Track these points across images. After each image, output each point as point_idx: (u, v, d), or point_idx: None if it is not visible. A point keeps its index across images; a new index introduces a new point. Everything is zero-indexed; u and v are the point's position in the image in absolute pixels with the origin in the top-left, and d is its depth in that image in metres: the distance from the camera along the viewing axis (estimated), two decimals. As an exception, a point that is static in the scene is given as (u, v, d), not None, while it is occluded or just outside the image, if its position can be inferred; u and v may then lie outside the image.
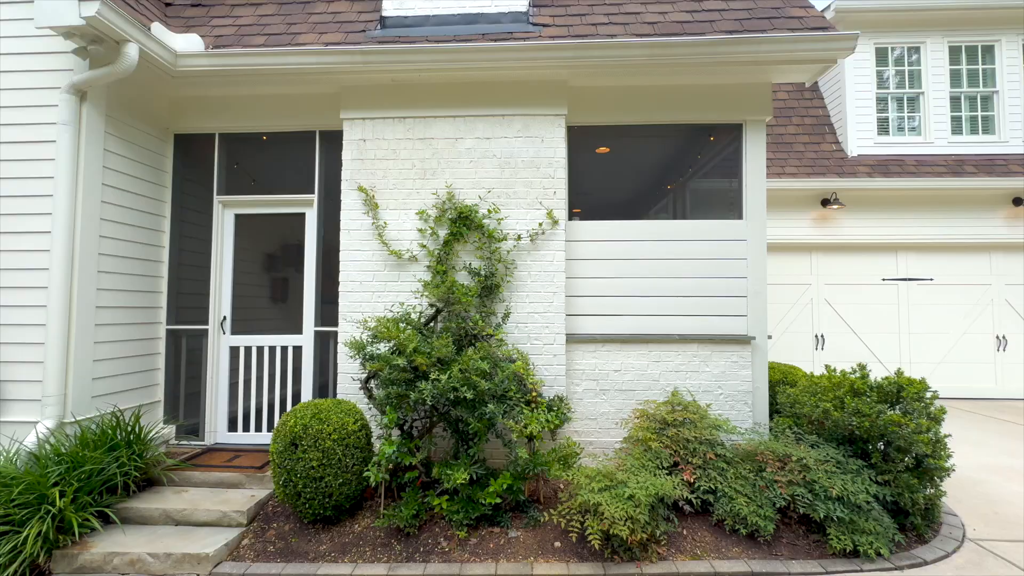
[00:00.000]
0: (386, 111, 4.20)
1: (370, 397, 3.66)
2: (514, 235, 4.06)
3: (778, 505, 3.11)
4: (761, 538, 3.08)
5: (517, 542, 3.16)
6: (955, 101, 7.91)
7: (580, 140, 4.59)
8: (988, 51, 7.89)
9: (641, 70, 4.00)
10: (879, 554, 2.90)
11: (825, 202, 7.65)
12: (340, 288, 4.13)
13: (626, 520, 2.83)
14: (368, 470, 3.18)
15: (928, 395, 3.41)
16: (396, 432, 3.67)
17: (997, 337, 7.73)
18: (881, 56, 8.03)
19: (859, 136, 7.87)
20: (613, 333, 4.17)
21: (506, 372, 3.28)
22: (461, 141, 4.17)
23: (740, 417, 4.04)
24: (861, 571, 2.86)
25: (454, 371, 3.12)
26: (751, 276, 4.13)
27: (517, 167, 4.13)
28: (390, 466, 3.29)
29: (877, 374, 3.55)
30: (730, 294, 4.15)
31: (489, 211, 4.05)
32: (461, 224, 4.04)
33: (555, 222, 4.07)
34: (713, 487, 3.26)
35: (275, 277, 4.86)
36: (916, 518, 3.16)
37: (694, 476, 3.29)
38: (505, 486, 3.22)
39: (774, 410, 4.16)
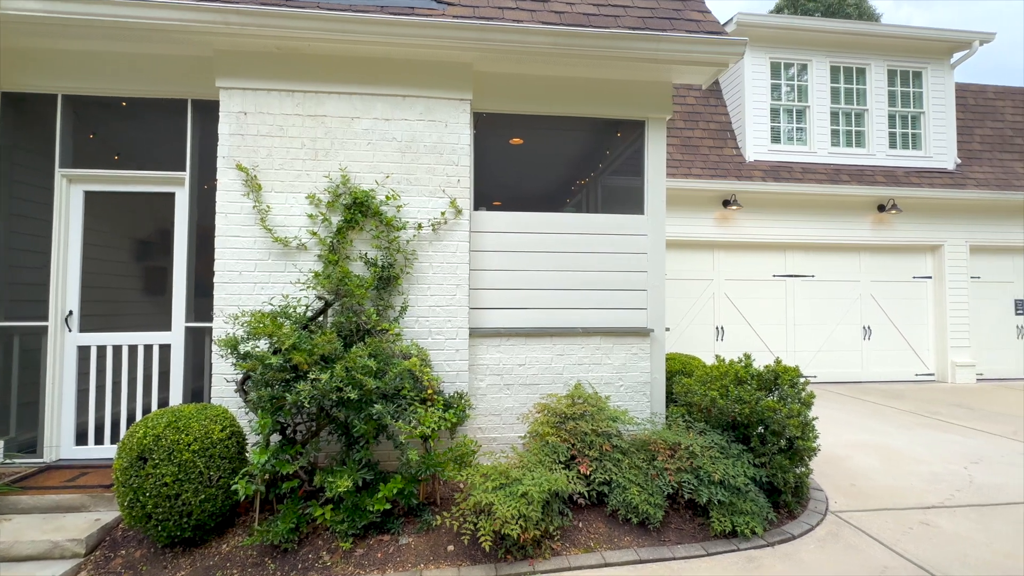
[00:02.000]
0: (272, 82, 3.77)
1: (247, 401, 3.27)
2: (415, 224, 3.84)
3: (667, 492, 3.20)
4: (651, 525, 3.14)
5: (408, 549, 2.97)
6: (835, 116, 8.79)
7: (489, 129, 4.45)
8: (861, 73, 8.85)
9: (547, 59, 3.93)
10: (754, 532, 3.07)
11: (726, 203, 8.19)
12: (215, 279, 3.67)
13: (518, 519, 2.75)
14: (237, 483, 2.82)
15: (801, 381, 3.68)
16: (276, 438, 3.32)
17: (864, 328, 8.75)
18: (775, 70, 8.72)
19: (755, 143, 8.50)
20: (518, 327, 4.09)
21: (398, 369, 3.06)
22: (358, 121, 3.85)
23: (639, 407, 4.15)
24: (738, 550, 3.00)
25: (337, 370, 2.85)
26: (651, 270, 4.24)
27: (419, 152, 3.90)
28: (266, 476, 2.95)
29: (767, 362, 3.77)
30: (631, 287, 4.23)
31: (388, 198, 3.79)
32: (357, 211, 3.74)
33: (459, 211, 3.90)
34: (608, 478, 3.28)
35: (139, 265, 4.24)
36: (787, 496, 3.40)
37: (590, 468, 3.29)
38: (396, 490, 3.01)
39: (671, 400, 4.32)
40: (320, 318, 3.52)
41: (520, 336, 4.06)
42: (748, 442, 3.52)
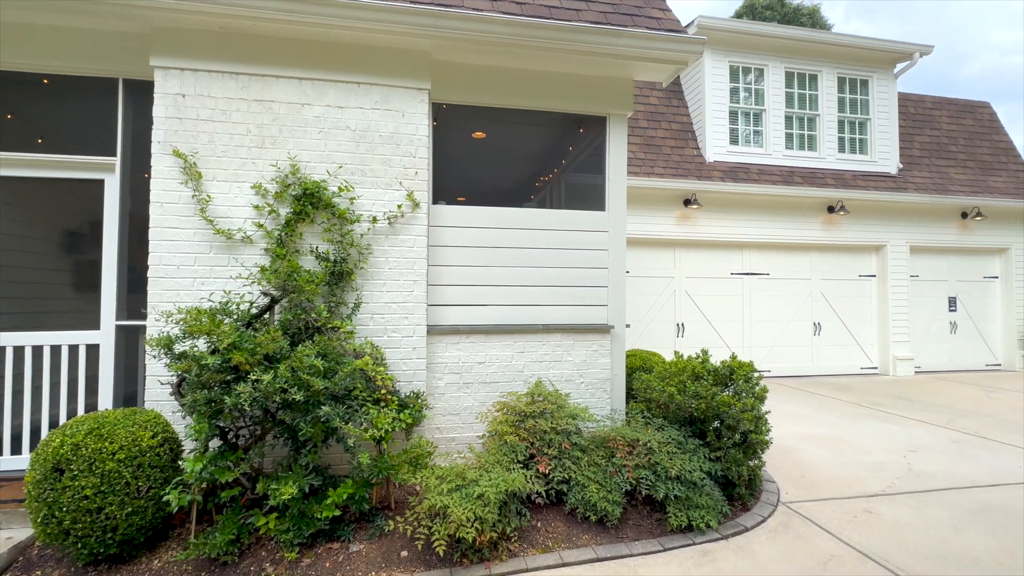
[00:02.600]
0: (214, 63, 3.52)
1: (183, 405, 3.04)
2: (369, 217, 3.68)
3: (625, 489, 3.19)
4: (609, 523, 3.13)
5: (359, 557, 2.84)
6: (789, 120, 9.12)
7: (450, 121, 4.33)
8: (813, 79, 9.21)
9: (508, 50, 3.85)
10: (709, 526, 3.11)
11: (687, 202, 8.35)
12: (150, 273, 3.40)
13: (473, 521, 2.66)
14: (169, 493, 2.61)
15: (755, 376, 3.76)
16: (217, 443, 3.10)
17: (814, 324, 9.14)
18: (734, 74, 8.96)
19: (715, 144, 8.71)
20: (478, 324, 4.00)
21: (349, 369, 2.92)
22: (308, 108, 3.66)
23: (599, 404, 4.14)
24: (693, 544, 3.03)
25: (282, 370, 2.68)
26: (612, 266, 4.24)
27: (374, 142, 3.74)
28: (203, 485, 2.75)
29: (725, 357, 3.82)
30: (593, 284, 4.22)
31: (341, 189, 3.62)
32: (307, 202, 3.54)
33: (416, 204, 3.77)
34: (567, 476, 3.25)
35: (65, 259, 3.89)
36: (741, 488, 3.46)
37: (549, 467, 3.24)
38: (346, 496, 2.87)
39: (631, 396, 4.34)
40: (266, 315, 3.32)
41: (480, 333, 3.98)
42: (704, 437, 3.56)
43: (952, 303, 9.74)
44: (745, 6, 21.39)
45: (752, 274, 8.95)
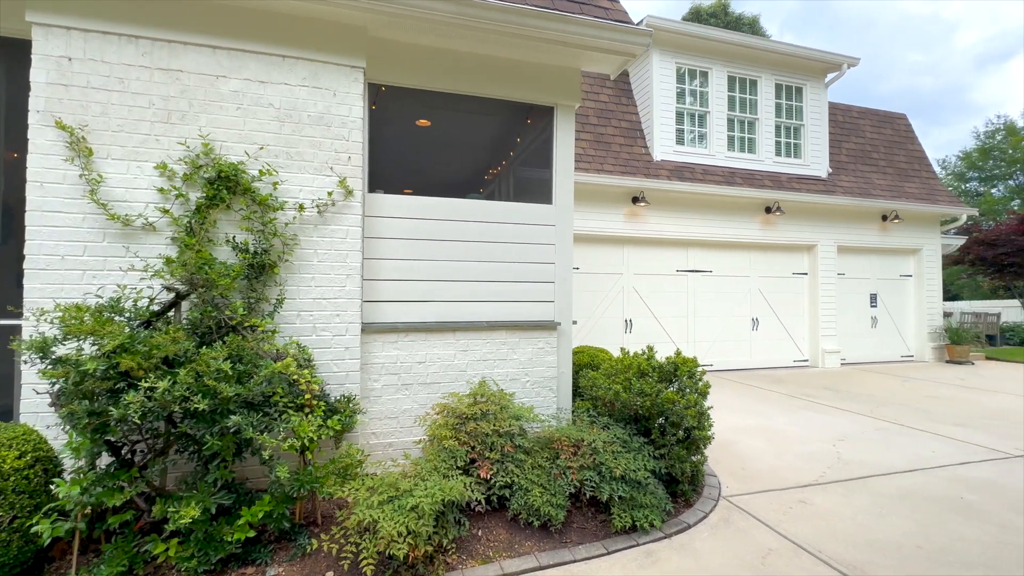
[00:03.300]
0: (108, 23, 3.06)
1: (62, 417, 2.61)
2: (296, 204, 3.35)
3: (570, 492, 3.08)
4: (553, 527, 3.01)
5: (277, 581, 2.55)
6: (731, 122, 9.44)
7: (391, 105, 4.06)
8: (754, 85, 9.58)
9: (452, 31, 3.62)
10: (652, 525, 3.05)
11: (635, 199, 8.44)
12: (26, 264, 2.91)
13: (406, 536, 2.45)
14: (39, 523, 2.21)
15: (698, 371, 3.76)
16: (108, 460, 2.70)
17: (752, 319, 9.54)
18: (681, 76, 9.15)
19: (662, 143, 8.86)
20: (418, 321, 3.77)
21: (267, 372, 2.61)
22: (225, 81, 3.27)
23: (545, 403, 4.02)
24: (637, 545, 2.96)
25: (182, 376, 2.34)
26: (559, 262, 4.13)
27: (302, 123, 3.41)
28: (87, 510, 2.36)
29: (671, 352, 3.80)
30: (539, 279, 4.09)
31: (262, 173, 3.26)
32: (222, 186, 3.17)
33: (349, 192, 3.48)
34: (510, 481, 3.09)
35: (-82, 247, 3.29)
36: (684, 485, 3.45)
37: (491, 472, 3.08)
38: (263, 514, 2.57)
39: (577, 394, 4.26)
40: (171, 313, 2.93)
41: (420, 331, 3.74)
42: (649, 434, 3.52)
43: (873, 300, 10.49)
44: (691, 13, 22.14)
45: (696, 271, 9.21)
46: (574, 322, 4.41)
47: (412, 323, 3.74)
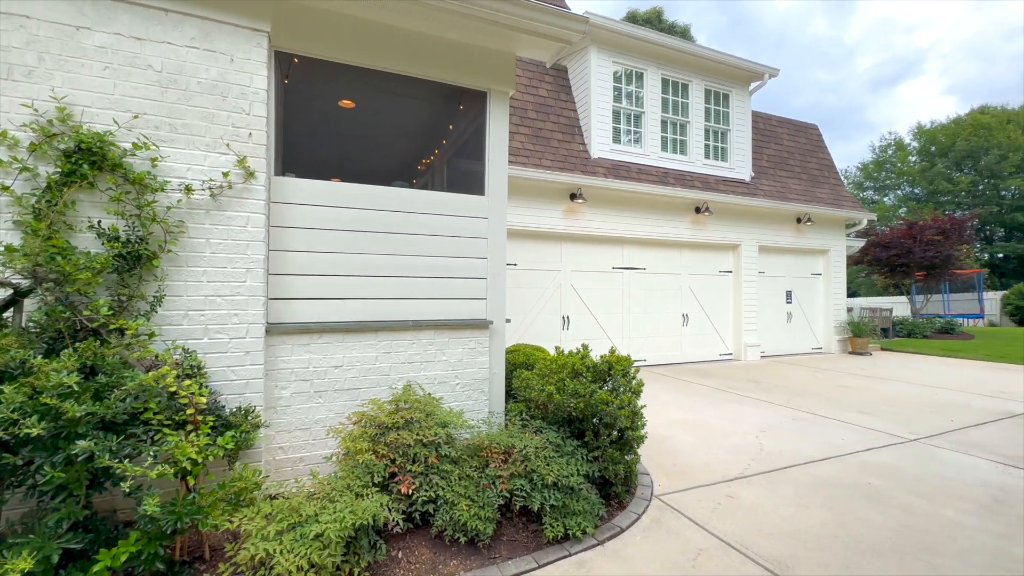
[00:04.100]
0: (-80, -52, 2.42)
1: None
2: (181, 185, 2.86)
3: (499, 503, 2.87)
4: (481, 542, 2.78)
5: (146, 635, 2.12)
6: (664, 124, 9.69)
7: (309, 80, 3.65)
8: (685, 88, 9.89)
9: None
10: (585, 533, 2.92)
11: (573, 196, 8.42)
12: None
13: (308, 571, 2.12)
14: None
15: (632, 369, 3.70)
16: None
17: (683, 315, 9.89)
18: (617, 75, 9.24)
19: (599, 141, 8.90)
20: (335, 321, 3.39)
21: (131, 385, 2.16)
22: (88, 33, 2.71)
23: (477, 407, 3.79)
24: (569, 555, 2.81)
25: (8, 393, 1.86)
26: (492, 256, 3.91)
27: (190, 90, 2.92)
28: None
29: (608, 347, 3.70)
30: (470, 275, 3.84)
31: (137, 147, 2.75)
32: (83, 160, 2.62)
33: (251, 174, 3.03)
34: (435, 495, 2.83)
35: None
36: (618, 487, 3.37)
37: (413, 487, 2.80)
38: (127, 555, 2.12)
39: (511, 396, 4.07)
40: (8, 314, 2.37)
41: (337, 332, 3.37)
42: (583, 436, 3.40)
43: (789, 296, 11.26)
44: (627, 17, 22.75)
45: (632, 268, 9.38)
46: (508, 320, 4.21)
47: (328, 323, 3.35)
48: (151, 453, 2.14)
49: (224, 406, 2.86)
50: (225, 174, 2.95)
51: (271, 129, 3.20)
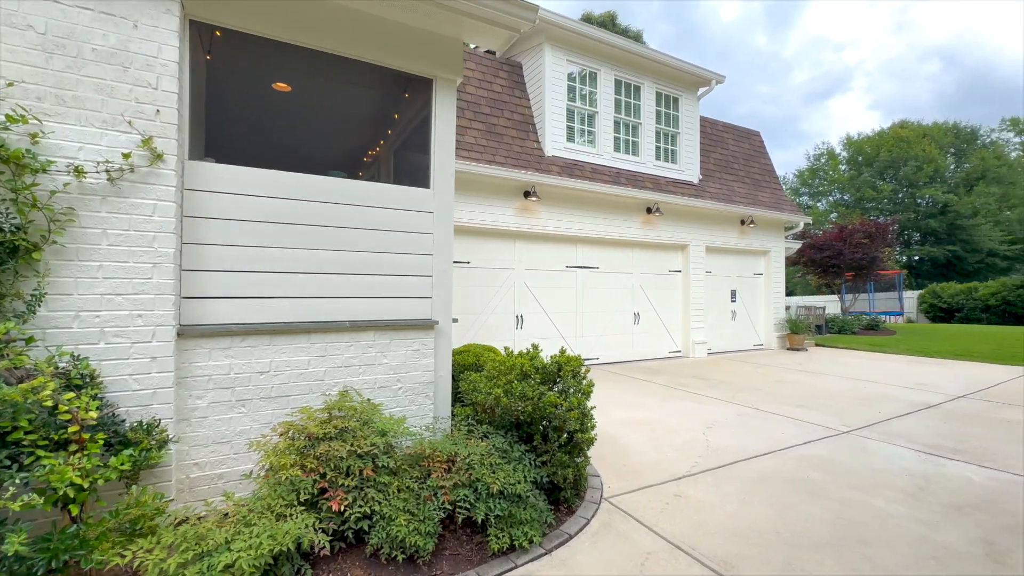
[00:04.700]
0: None
1: None
2: (70, 167, 2.48)
3: (441, 516, 2.69)
4: (421, 559, 2.59)
5: None
6: (617, 125, 9.79)
7: (236, 58, 3.31)
8: (637, 90, 10.04)
9: (303, -30, 2.99)
10: (532, 542, 2.80)
11: (527, 194, 8.32)
12: None
13: (214, 608, 1.86)
14: None
15: (583, 369, 3.61)
16: None
17: (634, 314, 10.04)
18: (571, 74, 9.23)
19: (554, 139, 8.86)
20: (261, 322, 3.08)
21: (-7, 400, 1.81)
22: (-53, -18, 2.29)
23: (421, 412, 3.59)
24: (515, 567, 2.67)
25: None
26: (437, 253, 3.71)
27: (83, 58, 2.54)
28: None
29: (560, 347, 3.58)
30: (414, 273, 3.63)
31: (12, 119, 2.34)
32: (-60, 133, 2.20)
33: (158, 156, 2.68)
34: (370, 510, 2.61)
35: None
36: (567, 492, 3.27)
37: (345, 503, 2.56)
38: (-13, 605, 1.78)
39: (458, 399, 3.89)
40: None
41: (264, 334, 3.06)
42: (531, 441, 3.28)
43: (733, 295, 11.71)
44: (582, 19, 23.03)
45: (585, 267, 9.41)
46: (455, 320, 4.03)
47: (253, 324, 3.04)
48: (17, 480, 1.80)
49: (124, 420, 2.51)
50: (126, 155, 2.59)
51: (185, 108, 2.86)
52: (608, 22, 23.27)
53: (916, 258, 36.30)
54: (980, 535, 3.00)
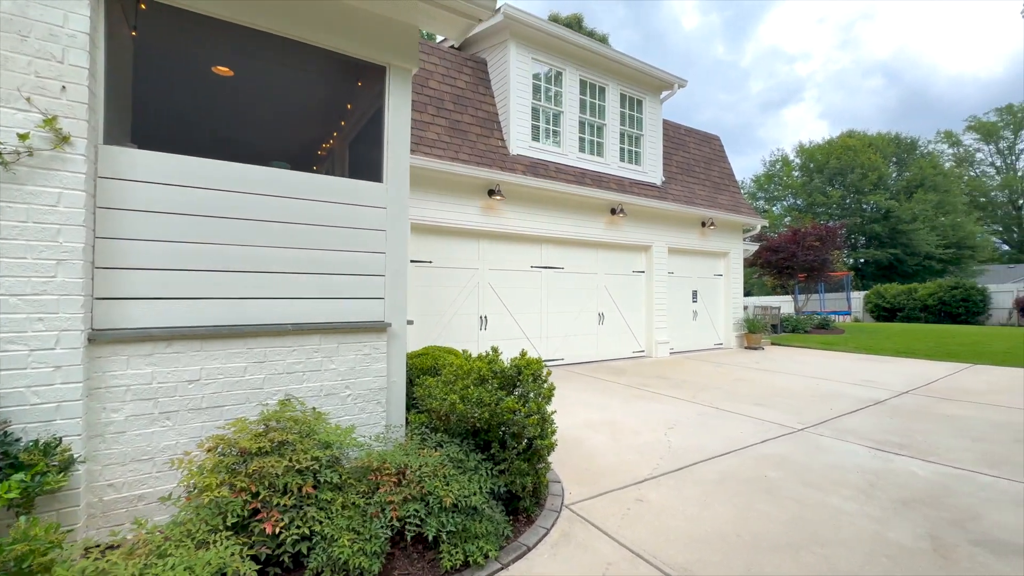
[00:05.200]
0: None
1: None
2: (-49, 147, 2.15)
3: (388, 535, 2.50)
4: (367, 581, 2.39)
5: None
6: (582, 125, 9.78)
7: (167, 35, 3.01)
8: (602, 91, 10.07)
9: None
10: (488, 557, 2.64)
11: (491, 192, 8.17)
12: None
13: (113, 656, 1.61)
14: None
15: (544, 372, 3.48)
16: None
17: (599, 314, 10.06)
18: (537, 73, 9.15)
19: (519, 137, 8.75)
20: (190, 326, 2.80)
21: None
22: None
23: (372, 420, 3.37)
24: (470, 585, 2.52)
25: None
26: (391, 251, 3.50)
27: (-30, 22, 2.21)
28: None
29: (526, 347, 3.44)
30: (365, 272, 3.40)
31: None
32: None
33: (64, 138, 2.37)
34: (309, 531, 2.39)
35: None
36: (526, 500, 3.14)
37: (281, 524, 2.33)
38: None
39: (413, 405, 3.69)
40: None
41: (193, 339, 2.78)
42: (489, 448, 3.12)
43: (694, 296, 11.95)
44: (548, 20, 23.08)
45: (550, 267, 9.35)
46: (410, 322, 3.83)
47: (180, 328, 2.75)
48: None
49: (20, 439, 2.19)
50: (23, 136, 2.27)
51: (99, 86, 2.55)
52: (574, 24, 23.43)
53: (862, 260, 38.45)
54: (927, 530, 3.06)
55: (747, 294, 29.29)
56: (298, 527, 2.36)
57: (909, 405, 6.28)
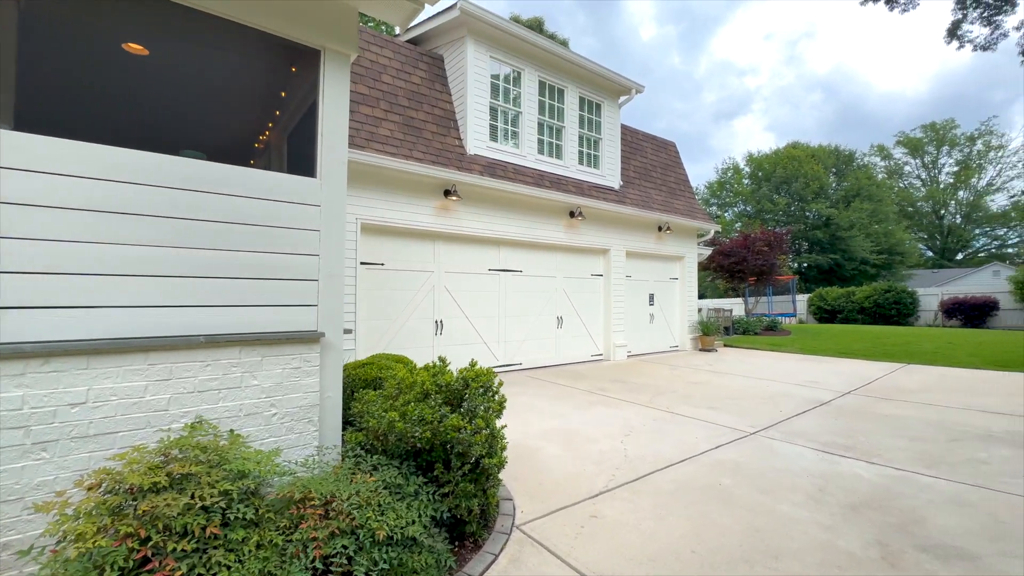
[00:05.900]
0: None
1: None
2: None
3: (312, 574, 2.20)
4: (284, 632, 2.09)
5: None
6: (541, 127, 9.66)
7: (70, 8, 2.54)
8: (561, 94, 9.99)
9: None
10: (428, 593, 2.39)
11: (447, 192, 7.89)
12: None
13: None
14: None
15: (495, 383, 3.26)
16: None
17: (558, 318, 9.96)
18: (495, 72, 8.95)
19: (476, 137, 8.51)
20: (75, 339, 2.39)
21: None
22: None
23: (303, 441, 3.03)
24: (406, 627, 2.26)
25: None
26: (326, 253, 3.18)
27: None
28: None
29: (481, 351, 3.20)
30: (295, 276, 3.07)
31: None
32: None
33: (-101, 114, 1.94)
34: (214, 578, 2.06)
35: None
36: (473, 524, 2.90)
37: (178, 572, 1.99)
38: None
39: (350, 423, 3.38)
40: None
41: (78, 355, 2.37)
42: (432, 470, 2.87)
43: (651, 299, 12.09)
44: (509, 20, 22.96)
45: (507, 271, 9.15)
46: (348, 331, 3.52)
47: (59, 343, 2.34)
48: None
49: None
50: None
51: (-47, 52, 2.12)
52: (535, 26, 23.44)
53: (805, 265, 40.65)
54: (875, 536, 3.06)
55: (701, 297, 30.24)
56: (200, 572, 2.03)
57: (851, 405, 6.49)
